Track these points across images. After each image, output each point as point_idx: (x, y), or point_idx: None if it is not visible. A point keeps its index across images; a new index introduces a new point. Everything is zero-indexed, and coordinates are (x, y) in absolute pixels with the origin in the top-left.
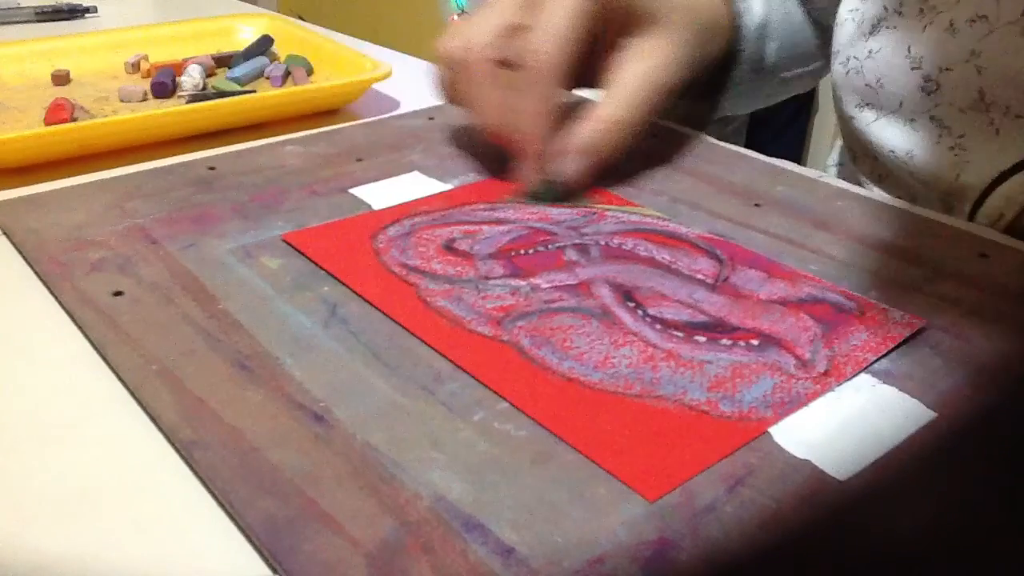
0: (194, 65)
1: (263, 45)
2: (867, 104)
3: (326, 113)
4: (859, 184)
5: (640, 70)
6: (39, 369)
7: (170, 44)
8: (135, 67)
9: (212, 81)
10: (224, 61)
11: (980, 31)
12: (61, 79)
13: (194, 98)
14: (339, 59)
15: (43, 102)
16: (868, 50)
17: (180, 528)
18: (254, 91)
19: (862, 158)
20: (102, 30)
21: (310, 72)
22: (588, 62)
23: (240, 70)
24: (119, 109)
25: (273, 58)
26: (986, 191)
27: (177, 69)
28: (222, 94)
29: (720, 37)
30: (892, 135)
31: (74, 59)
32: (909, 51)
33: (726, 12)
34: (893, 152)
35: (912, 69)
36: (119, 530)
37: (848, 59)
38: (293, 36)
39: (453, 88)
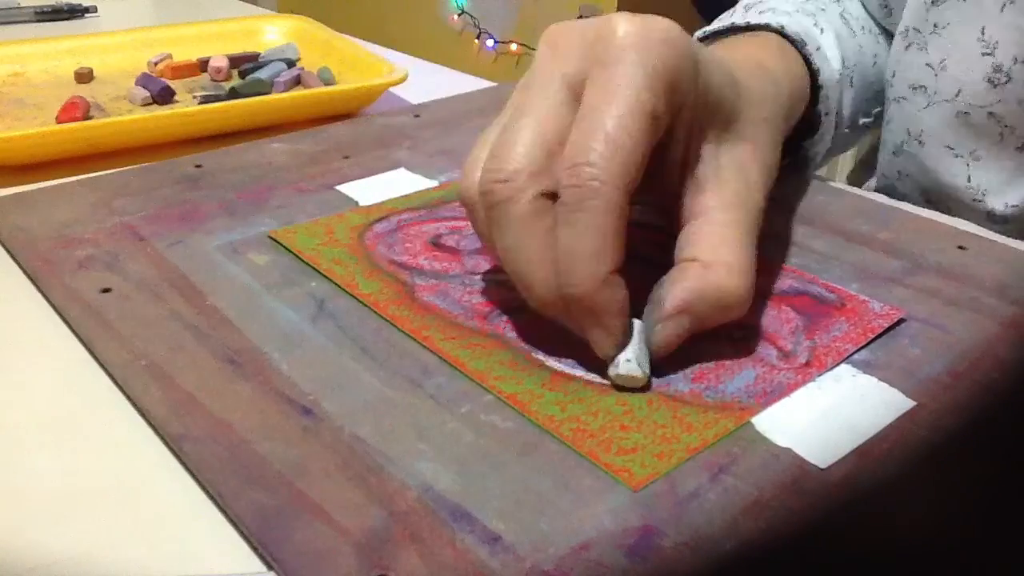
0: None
1: (285, 53)
2: (921, 86)
3: (341, 117)
4: (886, 185)
5: (736, 190)
6: (28, 366)
7: (195, 43)
8: (158, 66)
9: (234, 82)
10: (239, 61)
11: None
12: (84, 77)
13: (207, 99)
14: (356, 62)
15: (62, 100)
16: (932, 23)
17: (171, 521)
18: (269, 93)
19: (894, 152)
20: (129, 28)
21: (328, 83)
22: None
23: (265, 72)
24: (135, 109)
25: (291, 64)
26: None
27: (193, 69)
28: (234, 96)
29: (801, 103)
30: (945, 127)
31: (99, 57)
32: (983, 33)
33: (802, 73)
34: (951, 148)
35: (983, 54)
36: (109, 524)
37: (908, 30)
38: (315, 38)
39: (489, 234)
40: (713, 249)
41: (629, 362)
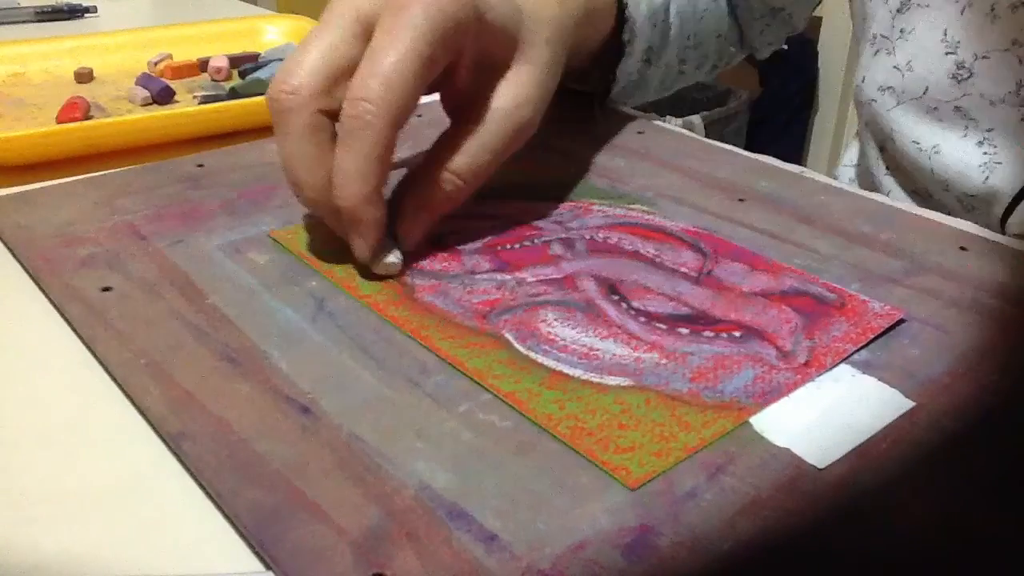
0: (221, 57)
1: (285, 53)
2: (889, 87)
3: None
4: (873, 185)
5: (498, 106)
6: (28, 365)
7: (195, 43)
8: (158, 66)
9: (234, 82)
10: (239, 61)
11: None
12: (84, 77)
13: (207, 99)
14: None
15: (62, 100)
16: (900, 29)
17: (170, 520)
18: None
19: (880, 148)
20: (129, 28)
21: None
22: (447, 83)
23: (265, 72)
24: (135, 109)
25: None
26: (1017, 197)
27: (193, 69)
28: (234, 96)
29: (602, 21)
30: (913, 123)
31: (100, 57)
32: (945, 34)
33: (606, 2)
34: (917, 143)
35: (946, 54)
36: (108, 523)
37: (876, 37)
38: None
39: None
40: (448, 152)
41: (395, 262)
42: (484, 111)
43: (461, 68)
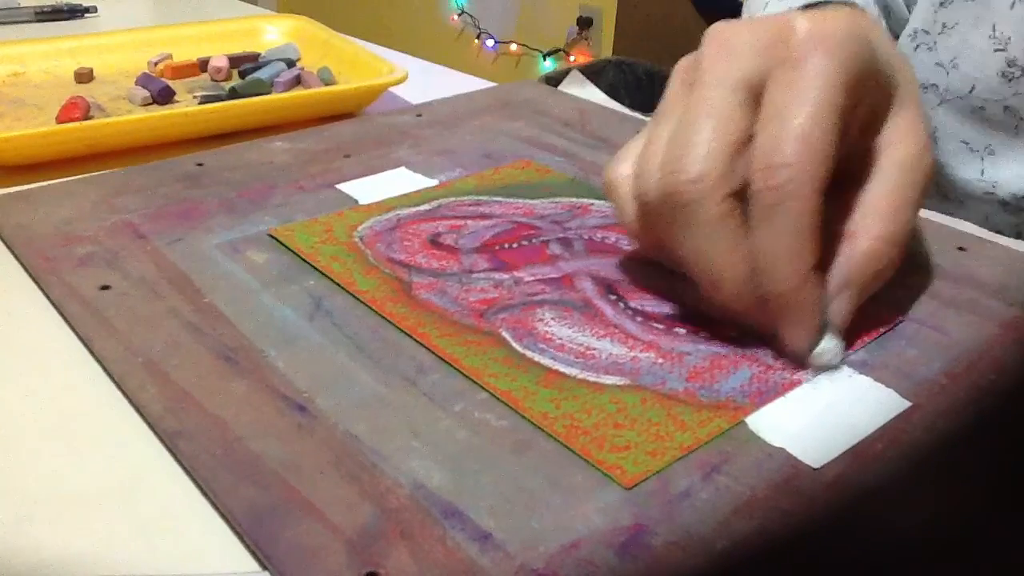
0: (221, 57)
1: (285, 53)
2: (932, 85)
3: (342, 117)
4: None
5: (903, 155)
6: (26, 363)
7: (195, 43)
8: (158, 66)
9: (234, 82)
10: (239, 61)
11: None
12: (84, 77)
13: (207, 99)
14: (356, 62)
15: (62, 100)
16: (941, 23)
17: (166, 519)
18: (269, 93)
19: None
20: (129, 28)
21: (328, 83)
22: None
23: (265, 72)
24: (135, 109)
25: (291, 64)
26: None
27: (193, 69)
28: (234, 96)
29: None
30: (958, 123)
31: (99, 57)
32: (994, 30)
33: None
34: (967, 143)
35: (995, 51)
36: (105, 522)
37: (916, 32)
38: (315, 38)
39: (655, 239)
40: (868, 218)
41: (832, 349)
42: (887, 165)
43: (855, 118)
